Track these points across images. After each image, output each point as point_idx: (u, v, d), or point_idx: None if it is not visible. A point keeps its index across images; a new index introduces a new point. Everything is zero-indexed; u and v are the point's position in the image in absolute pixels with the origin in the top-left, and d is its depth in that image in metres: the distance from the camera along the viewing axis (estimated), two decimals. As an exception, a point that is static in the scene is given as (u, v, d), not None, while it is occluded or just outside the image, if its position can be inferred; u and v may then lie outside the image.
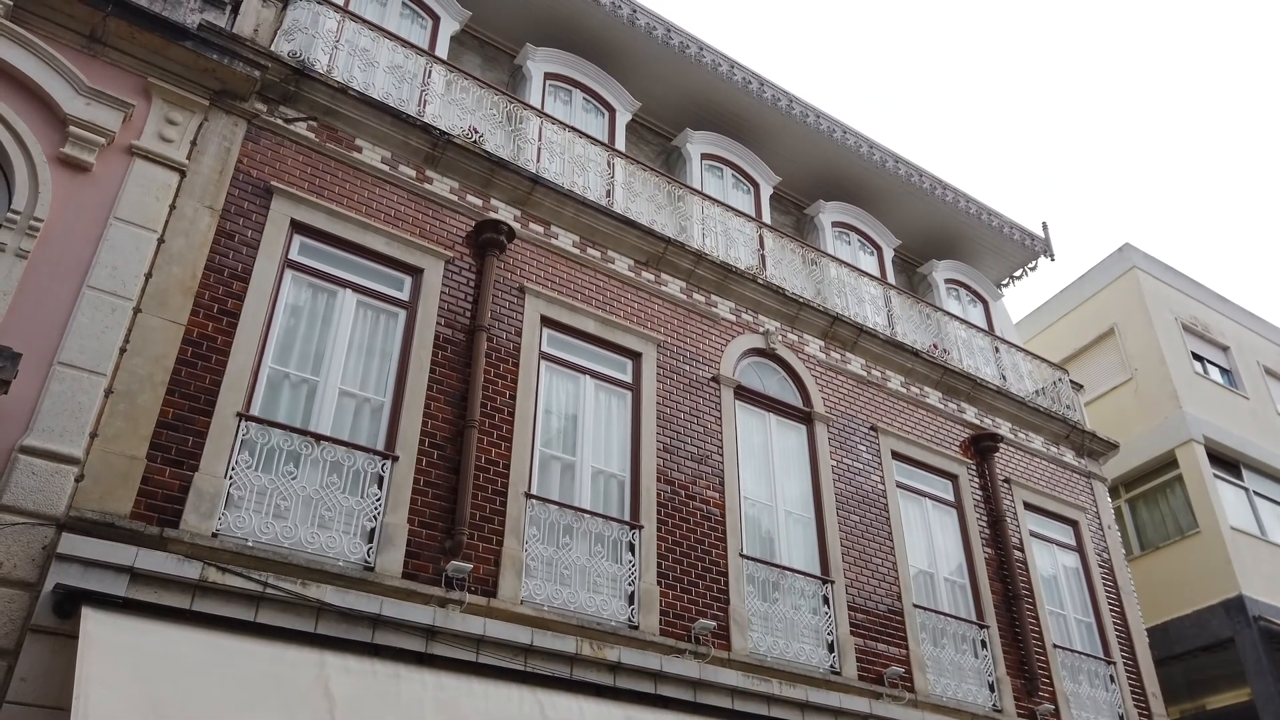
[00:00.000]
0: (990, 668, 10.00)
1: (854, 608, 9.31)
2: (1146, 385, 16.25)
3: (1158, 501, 15.81)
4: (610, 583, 7.92)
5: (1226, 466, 15.77)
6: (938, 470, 11.28)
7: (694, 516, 8.76)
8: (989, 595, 10.53)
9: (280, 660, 5.61)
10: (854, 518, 10.00)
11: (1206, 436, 15.45)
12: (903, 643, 9.46)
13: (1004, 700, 9.80)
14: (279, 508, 6.53)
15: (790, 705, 8.14)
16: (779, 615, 8.78)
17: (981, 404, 12.30)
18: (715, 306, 10.30)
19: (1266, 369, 18.07)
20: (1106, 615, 11.69)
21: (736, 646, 8.21)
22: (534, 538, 7.70)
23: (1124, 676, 11.28)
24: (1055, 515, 12.16)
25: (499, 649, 6.85)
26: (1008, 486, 11.75)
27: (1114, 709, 10.92)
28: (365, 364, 7.67)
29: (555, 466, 8.34)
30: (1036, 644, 10.53)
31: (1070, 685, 10.64)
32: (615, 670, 7.33)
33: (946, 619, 10.04)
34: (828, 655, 8.84)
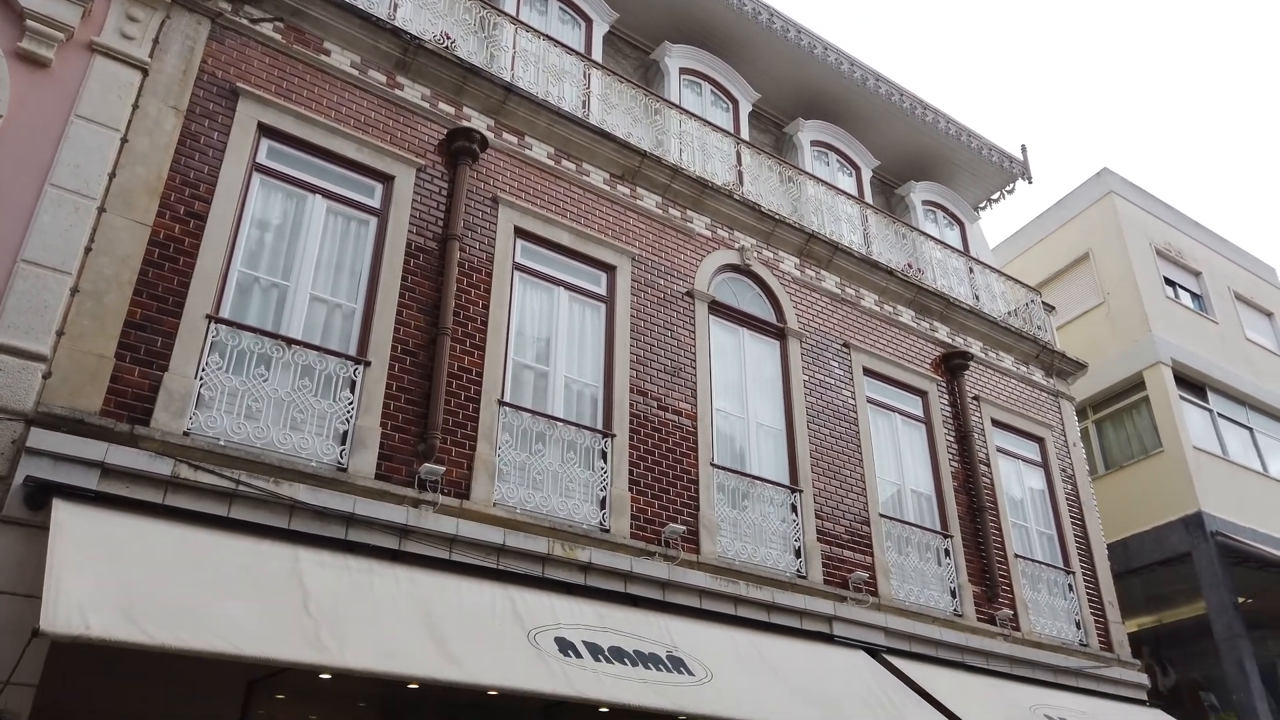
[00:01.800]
0: (953, 575, 10.32)
1: (821, 516, 9.54)
2: (1118, 309, 16.44)
3: (1124, 422, 16.14)
4: (582, 488, 8.07)
5: (1192, 389, 16.09)
6: (908, 387, 11.45)
7: (666, 427, 8.89)
8: (954, 507, 10.81)
9: (254, 553, 5.73)
10: (824, 431, 10.17)
11: (1174, 359, 15.71)
12: (868, 550, 9.72)
13: (964, 606, 10.14)
14: (250, 409, 6.58)
15: (757, 606, 8.39)
16: (748, 522, 8.99)
17: (954, 323, 12.42)
18: (691, 222, 10.28)
19: (1237, 294, 18.31)
20: (1068, 529, 12.03)
21: (705, 550, 8.42)
22: (507, 444, 7.81)
23: (1082, 586, 11.67)
24: (1022, 432, 12.41)
25: (472, 548, 7.01)
26: (976, 404, 11.96)
27: (1071, 616, 11.32)
28: (336, 270, 7.64)
29: (529, 376, 8.41)
30: (998, 554, 10.86)
31: (1030, 593, 11.00)
32: (586, 570, 7.52)
33: (911, 528, 10.31)
34: (794, 560, 9.09)
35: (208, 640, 4.55)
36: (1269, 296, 19.18)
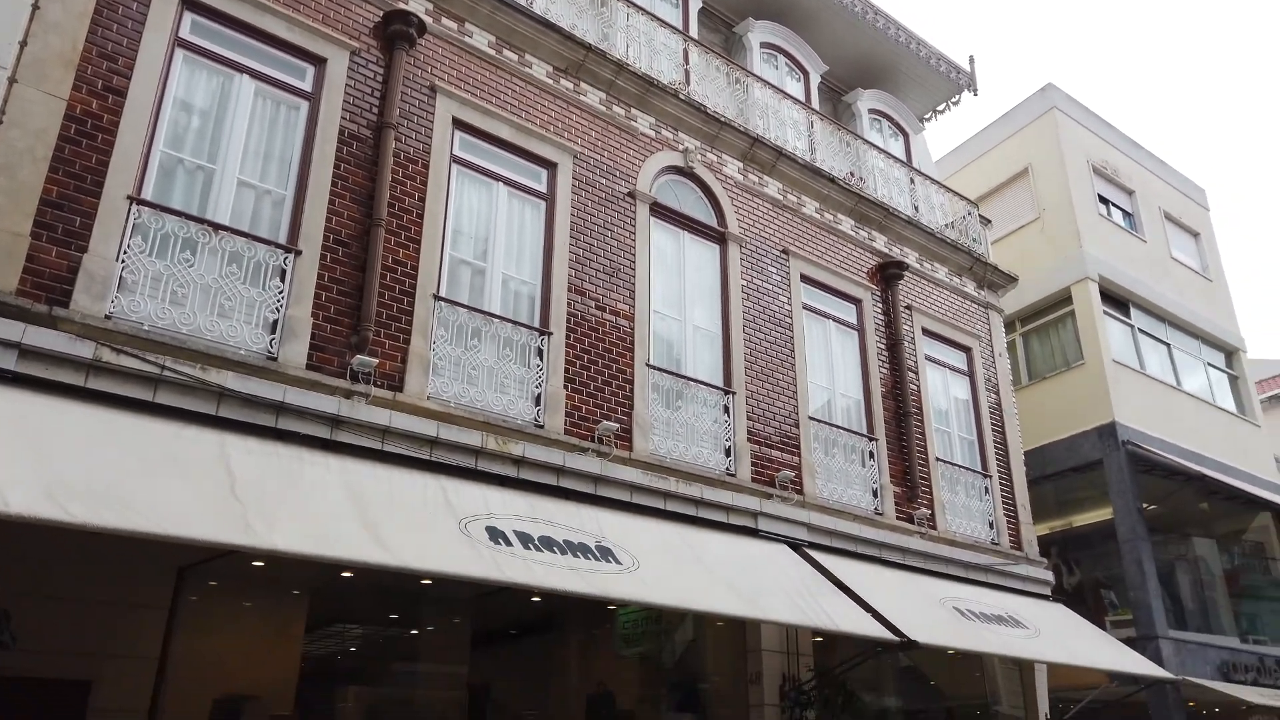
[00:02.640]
0: (875, 476, 10.72)
1: (752, 418, 9.78)
2: (1052, 225, 16.79)
3: (1050, 335, 16.68)
4: (518, 384, 8.13)
5: (1117, 304, 16.63)
6: (844, 294, 11.63)
7: (603, 326, 8.94)
8: (881, 412, 11.15)
9: (180, 437, 5.70)
10: (760, 336, 10.33)
11: (1102, 275, 16.18)
12: (796, 451, 10.02)
13: (885, 505, 10.58)
14: (176, 294, 6.44)
15: (686, 501, 8.65)
16: (681, 421, 9.18)
17: (892, 233, 12.57)
18: (635, 121, 10.13)
19: (1166, 214, 18.79)
20: (988, 435, 12.52)
21: (638, 447, 8.60)
22: (442, 338, 7.79)
23: (998, 490, 12.23)
24: (951, 342, 12.76)
25: (405, 440, 7.06)
26: (909, 313, 12.22)
27: (985, 517, 11.89)
28: (266, 155, 7.42)
29: (465, 271, 8.35)
30: (920, 457, 11.29)
31: (948, 495, 11.51)
32: (520, 464, 7.65)
33: (839, 431, 10.64)
34: (725, 459, 9.34)
35: (131, 520, 4.55)
36: (1197, 217, 19.73)
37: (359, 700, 9.28)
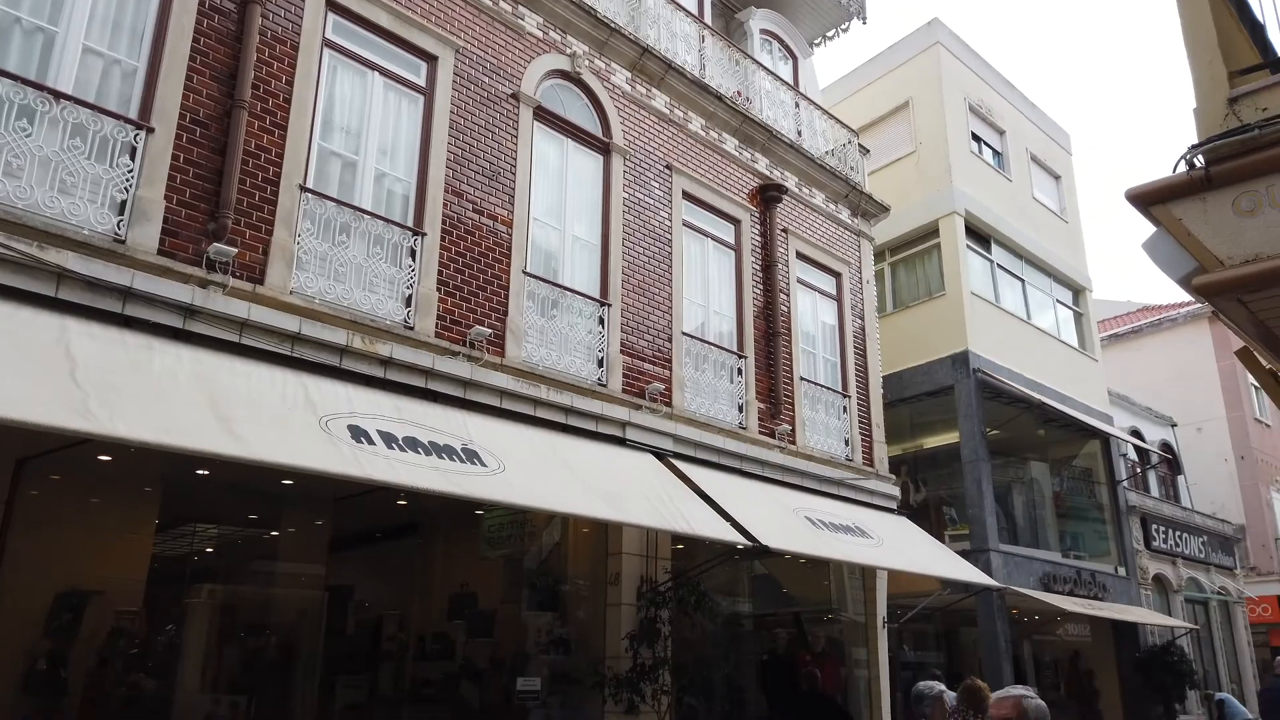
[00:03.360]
0: (742, 392, 11.08)
1: (627, 330, 9.89)
2: (927, 159, 17.33)
3: (916, 266, 17.39)
4: (388, 284, 7.95)
5: (980, 240, 17.44)
6: (724, 214, 11.77)
7: (480, 230, 8.79)
8: (751, 330, 11.46)
9: (14, 319, 5.35)
10: (638, 249, 10.38)
11: (968, 211, 16.89)
12: (667, 365, 10.23)
13: (749, 420, 10.97)
14: (11, 165, 5.95)
15: (556, 409, 8.74)
16: (555, 330, 9.20)
17: (774, 156, 12.72)
18: (522, 19, 9.81)
19: (1033, 156, 19.66)
20: (851, 358, 13.07)
21: (510, 354, 8.60)
22: (308, 232, 7.51)
23: (855, 410, 12.84)
24: (823, 266, 13.15)
25: (264, 334, 6.83)
26: (785, 236, 12.49)
27: (842, 435, 12.50)
28: (116, 22, 6.83)
29: (335, 164, 8.02)
30: (785, 376, 11.71)
31: (809, 412, 12.02)
32: (386, 364, 7.54)
33: (710, 348, 10.90)
34: (597, 370, 9.45)
35: (-43, 402, 4.29)
36: (1060, 161, 20.72)
37: (211, 598, 9.15)
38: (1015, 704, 2.79)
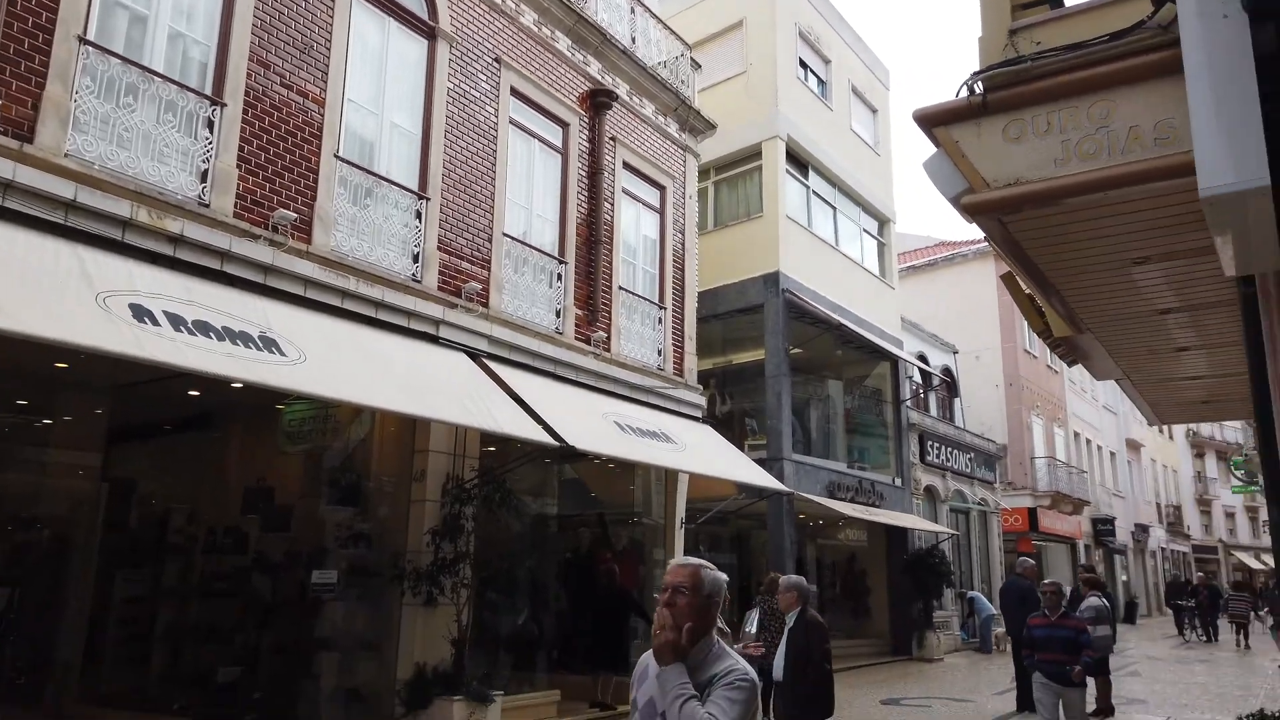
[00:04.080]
0: (561, 297, 11.12)
1: (445, 227, 9.63)
2: (756, 81, 17.63)
3: (738, 186, 17.84)
4: (181, 156, 7.33)
5: (798, 165, 18.06)
6: (552, 116, 11.56)
7: (288, 107, 8.22)
8: (574, 237, 11.45)
9: None
10: (461, 144, 10.05)
11: (790, 136, 17.40)
12: (486, 265, 10.08)
13: (566, 325, 11.05)
14: None
15: (366, 302, 8.46)
16: (368, 221, 8.84)
17: (607, 61, 12.55)
18: (343, -121, 9.06)
19: (854, 88, 20.40)
20: (669, 271, 13.35)
21: (318, 242, 8.20)
22: (88, 90, 6.77)
23: (670, 322, 13.19)
24: (648, 179, 13.24)
25: (32, 198, 6.16)
26: (612, 144, 12.45)
27: (655, 345, 12.84)
28: None
29: (122, 16, 7.21)
30: (605, 284, 11.83)
31: (625, 321, 12.24)
32: (177, 242, 7.01)
33: (531, 250, 10.82)
34: (412, 265, 9.19)
35: None
36: (878, 95, 21.63)
37: (-30, 484, 8.40)
38: (692, 573, 2.63)
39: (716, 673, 2.49)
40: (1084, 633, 8.02)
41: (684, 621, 2.51)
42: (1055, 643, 7.83)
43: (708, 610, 2.59)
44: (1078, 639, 7.85)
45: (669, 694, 2.41)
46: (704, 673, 2.50)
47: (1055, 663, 7.80)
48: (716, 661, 2.55)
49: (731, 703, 2.41)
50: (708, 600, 2.59)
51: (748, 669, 2.53)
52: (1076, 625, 8.06)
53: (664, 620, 2.55)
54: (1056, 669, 7.78)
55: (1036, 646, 8.00)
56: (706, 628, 2.58)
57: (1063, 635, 7.84)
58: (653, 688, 2.55)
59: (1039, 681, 7.96)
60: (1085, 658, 7.89)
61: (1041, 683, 7.92)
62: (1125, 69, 2.86)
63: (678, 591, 2.58)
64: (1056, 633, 7.88)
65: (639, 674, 2.70)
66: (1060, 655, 7.78)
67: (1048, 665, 7.86)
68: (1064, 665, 7.74)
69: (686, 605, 2.55)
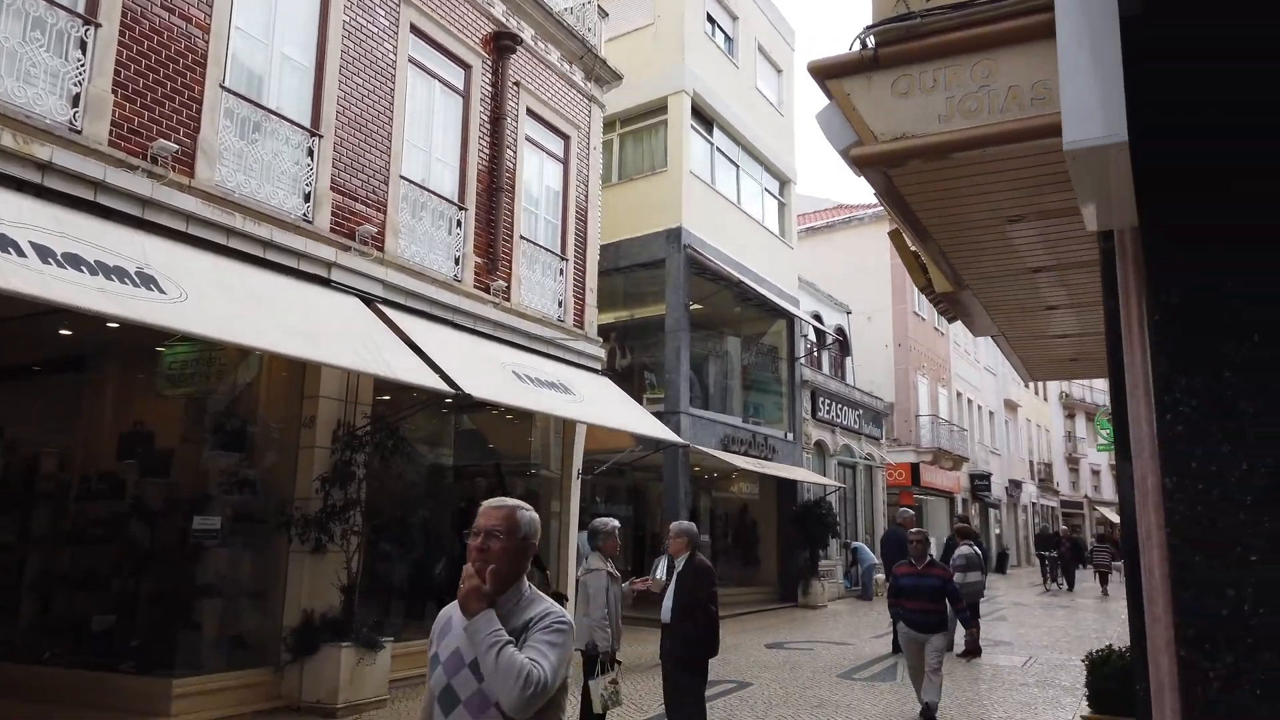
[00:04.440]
0: (460, 244, 10.93)
1: (340, 166, 9.32)
2: (663, 33, 17.52)
3: (643, 140, 17.78)
4: (50, 77, 6.87)
5: (703, 122, 18.10)
6: (454, 57, 11.25)
7: (171, 31, 7.77)
8: (474, 183, 11.24)
9: None
10: (358, 80, 9.70)
11: (696, 91, 17.40)
12: (382, 208, 9.81)
13: (465, 273, 10.89)
14: None
15: (253, 241, 8.14)
16: (256, 156, 8.47)
17: (511, 3, 12.26)
18: None
19: (760, 46, 20.50)
20: (571, 222, 13.27)
21: (202, 176, 7.83)
22: (-59, -1, 6.25)
23: (571, 273, 13.14)
24: (552, 127, 13.07)
25: (-122, 114, 5.69)
26: (516, 90, 12.22)
27: (556, 296, 12.79)
28: None
29: (-20, -80, 6.66)
30: (506, 233, 11.68)
31: (526, 271, 12.14)
32: (45, 170, 6.59)
33: (430, 195, 10.58)
34: (303, 204, 8.87)
35: None
36: (783, 55, 21.79)
37: None
38: (508, 515, 2.46)
39: (531, 617, 2.38)
40: (950, 582, 8.23)
41: (500, 567, 2.38)
42: (922, 591, 8.03)
43: (523, 553, 2.47)
44: (944, 587, 8.06)
45: (482, 643, 2.25)
46: (516, 619, 2.38)
47: (921, 611, 8.00)
48: (529, 606, 2.43)
49: (551, 646, 2.31)
50: (523, 543, 2.46)
51: (563, 612, 2.42)
52: (943, 574, 8.26)
53: (474, 568, 2.39)
54: (922, 617, 8.00)
55: (903, 594, 8.19)
56: (518, 572, 2.46)
57: (929, 584, 8.04)
58: (458, 639, 2.39)
59: (903, 631, 8.16)
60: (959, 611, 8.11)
61: (905, 632, 8.12)
62: (1006, 30, 2.97)
63: (491, 535, 2.42)
64: (923, 581, 8.07)
65: (439, 628, 2.51)
66: (927, 603, 8.00)
67: (913, 614, 8.04)
68: (929, 613, 7.95)
69: (501, 550, 2.40)
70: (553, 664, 2.29)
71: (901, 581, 8.24)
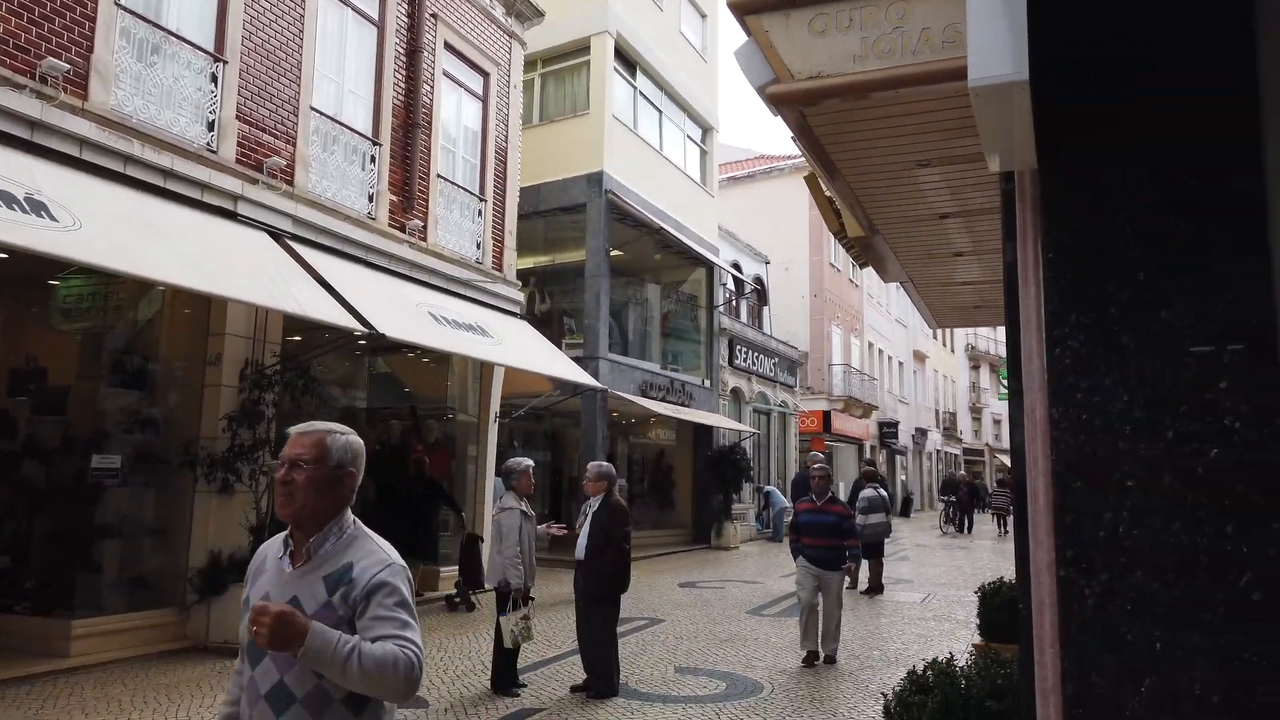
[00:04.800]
0: (374, 181, 10.63)
1: (246, 94, 8.93)
2: (587, -29, 17.14)
3: (564, 81, 17.49)
4: (-79, -16, 6.37)
5: (626, 65, 17.87)
6: (368, -17, 10.83)
7: (57, -60, 7.26)
8: (389, 118, 10.91)
9: None
10: (264, 4, 9.26)
11: (620, 33, 17.14)
12: (291, 140, 9.46)
13: (379, 211, 10.61)
14: None
15: (153, 170, 7.77)
16: (155, 80, 8.05)
17: (429, -70, 11.83)
18: None
19: (685, -10, 20.24)
20: (491, 162, 13.02)
21: (96, 99, 7.40)
22: None
23: (490, 214, 12.94)
24: (472, 63, 12.74)
25: None
26: (433, 22, 11.84)
27: (475, 237, 12.59)
28: None
29: None
30: (422, 170, 11.41)
31: (443, 211, 11.90)
32: (-81, 84, 6.15)
33: (342, 129, 10.23)
34: (206, 133, 8.49)
35: None
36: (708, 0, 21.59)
37: None
38: (316, 440, 2.10)
39: (353, 562, 2.02)
40: (849, 519, 8.14)
41: (307, 502, 2.04)
42: (821, 528, 7.94)
43: (338, 484, 2.10)
44: (842, 524, 7.97)
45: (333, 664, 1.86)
46: (336, 561, 2.03)
47: (819, 548, 7.90)
48: (352, 547, 2.07)
49: (401, 606, 2.00)
50: (337, 472, 2.10)
51: (388, 554, 2.08)
52: (842, 511, 8.12)
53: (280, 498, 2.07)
54: (819, 553, 7.87)
55: (802, 531, 8.04)
56: (337, 506, 2.10)
57: (828, 521, 7.95)
58: (271, 581, 2.07)
59: (800, 566, 7.99)
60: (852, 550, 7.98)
61: (803, 567, 7.96)
62: (921, -29, 3.00)
63: (296, 465, 2.06)
64: (822, 518, 7.97)
65: (254, 567, 2.19)
66: (825, 540, 7.90)
67: (811, 550, 7.91)
68: (828, 550, 7.86)
69: (308, 481, 2.05)
70: (415, 628, 2.00)
71: (801, 518, 8.17)
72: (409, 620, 2.00)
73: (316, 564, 2.05)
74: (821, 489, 8.23)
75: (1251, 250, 2.44)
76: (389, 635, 1.94)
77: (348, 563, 2.03)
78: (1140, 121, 2.59)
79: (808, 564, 7.95)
